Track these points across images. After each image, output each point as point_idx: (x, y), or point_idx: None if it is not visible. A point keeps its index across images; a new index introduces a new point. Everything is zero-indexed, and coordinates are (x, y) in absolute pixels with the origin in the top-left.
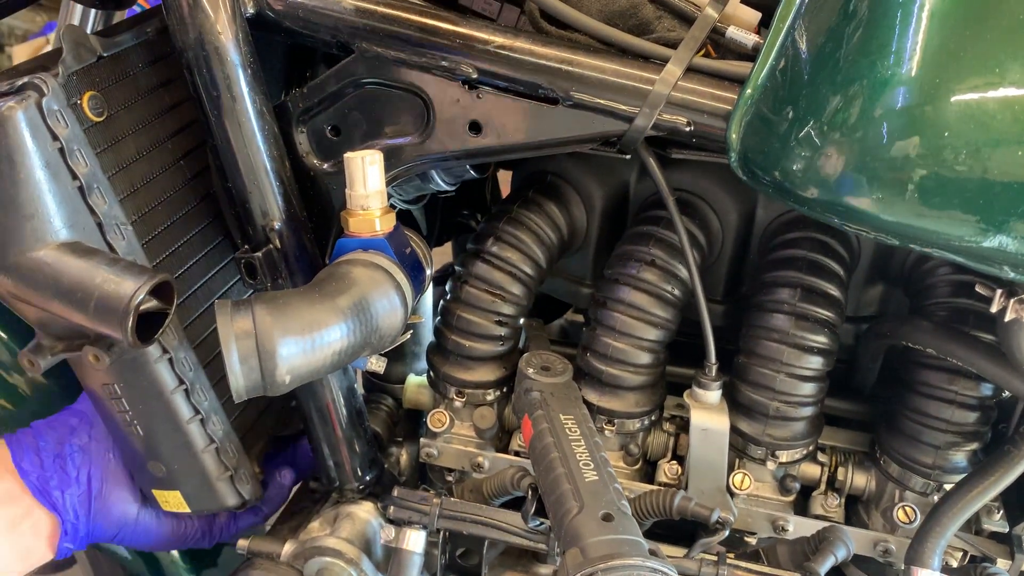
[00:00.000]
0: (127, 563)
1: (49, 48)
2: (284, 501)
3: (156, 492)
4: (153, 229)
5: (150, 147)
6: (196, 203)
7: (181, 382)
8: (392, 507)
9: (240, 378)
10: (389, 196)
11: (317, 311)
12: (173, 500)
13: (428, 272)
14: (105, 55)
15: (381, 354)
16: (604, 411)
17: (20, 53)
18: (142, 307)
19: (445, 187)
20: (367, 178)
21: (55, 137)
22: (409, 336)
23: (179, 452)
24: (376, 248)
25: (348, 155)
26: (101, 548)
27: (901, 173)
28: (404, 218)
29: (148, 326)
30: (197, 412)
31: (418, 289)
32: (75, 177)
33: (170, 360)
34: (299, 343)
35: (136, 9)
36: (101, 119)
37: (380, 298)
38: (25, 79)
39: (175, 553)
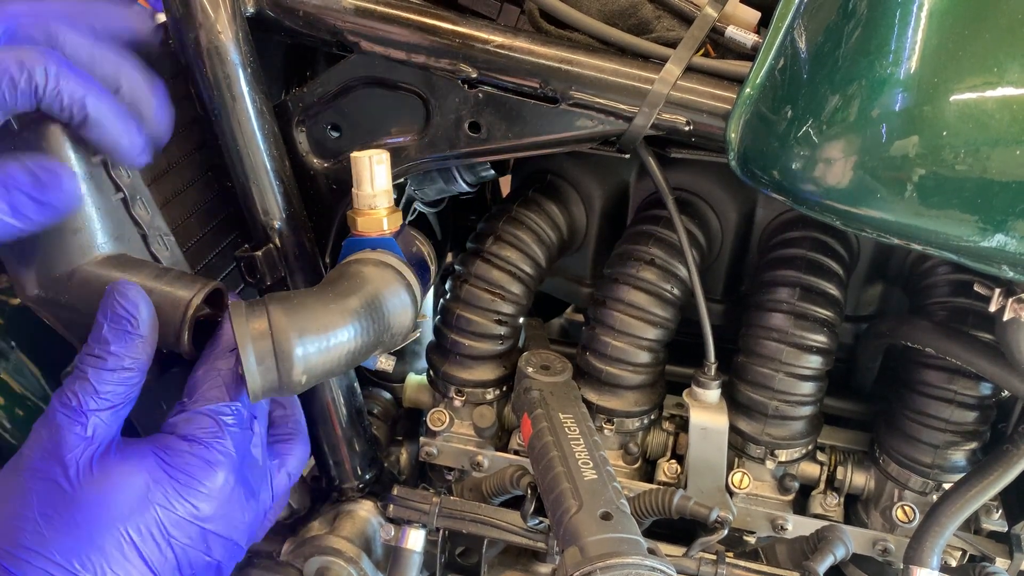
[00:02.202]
0: None
1: None
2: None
3: None
4: (189, 240)
5: (180, 158)
6: (227, 212)
7: None
8: (392, 506)
9: (257, 379)
10: (412, 200)
11: (331, 311)
12: None
13: (433, 269)
14: None
15: (391, 353)
16: (603, 410)
17: None
18: (197, 315)
19: (466, 188)
20: (374, 177)
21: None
22: (419, 334)
23: None
24: (384, 247)
25: (355, 154)
26: None
27: (900, 172)
28: (421, 224)
29: (199, 334)
30: None
31: (425, 287)
32: (118, 189)
33: None
34: (315, 343)
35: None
36: None
37: (391, 297)
38: None
39: None
